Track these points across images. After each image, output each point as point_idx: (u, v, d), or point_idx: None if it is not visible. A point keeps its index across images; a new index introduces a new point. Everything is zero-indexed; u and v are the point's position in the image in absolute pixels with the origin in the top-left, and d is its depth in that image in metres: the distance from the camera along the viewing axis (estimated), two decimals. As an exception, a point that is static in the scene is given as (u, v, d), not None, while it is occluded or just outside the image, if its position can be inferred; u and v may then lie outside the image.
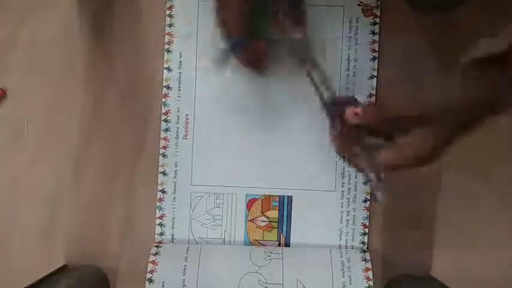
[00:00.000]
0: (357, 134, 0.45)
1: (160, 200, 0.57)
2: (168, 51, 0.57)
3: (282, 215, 0.57)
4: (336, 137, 0.46)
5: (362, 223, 0.56)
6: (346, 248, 0.56)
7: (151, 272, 0.53)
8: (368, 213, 0.56)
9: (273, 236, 0.57)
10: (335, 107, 0.46)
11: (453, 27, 0.56)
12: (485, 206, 0.56)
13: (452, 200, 0.56)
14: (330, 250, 0.55)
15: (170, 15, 0.56)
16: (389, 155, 0.45)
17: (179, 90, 0.57)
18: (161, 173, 0.56)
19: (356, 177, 0.56)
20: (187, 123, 0.57)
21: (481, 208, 0.56)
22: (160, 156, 0.56)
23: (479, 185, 0.56)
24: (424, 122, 0.44)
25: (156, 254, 0.54)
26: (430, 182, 0.56)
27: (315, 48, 0.50)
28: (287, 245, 0.56)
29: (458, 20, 0.55)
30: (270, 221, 0.57)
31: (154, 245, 0.55)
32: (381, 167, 0.45)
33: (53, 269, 0.53)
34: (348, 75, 0.56)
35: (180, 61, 0.57)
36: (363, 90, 0.56)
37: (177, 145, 0.57)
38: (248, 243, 0.57)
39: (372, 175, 0.45)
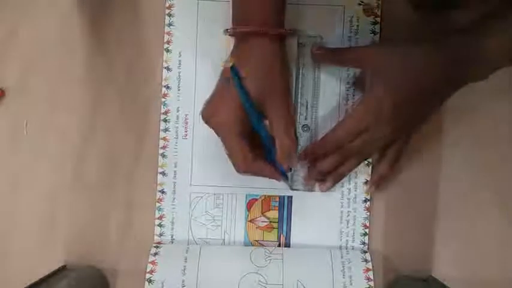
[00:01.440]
0: None
1: (160, 200, 0.56)
2: (168, 50, 0.56)
3: (282, 215, 0.56)
4: None
5: (362, 223, 0.56)
6: (346, 248, 0.56)
7: (151, 272, 0.53)
8: (368, 213, 0.56)
9: (273, 236, 0.56)
10: None
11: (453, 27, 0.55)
12: (486, 206, 0.56)
13: (453, 200, 0.56)
14: (331, 250, 0.55)
15: (170, 15, 0.56)
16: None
17: (179, 90, 0.56)
18: (160, 173, 0.56)
19: (356, 177, 0.56)
20: (186, 123, 0.56)
21: (482, 208, 0.56)
22: (160, 157, 0.56)
23: (480, 185, 0.56)
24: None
25: (156, 254, 0.54)
26: (430, 182, 0.56)
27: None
28: (287, 245, 0.56)
29: (459, 20, 0.55)
30: (270, 222, 0.57)
31: (154, 245, 0.55)
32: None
33: (52, 270, 0.53)
34: (348, 75, 0.56)
35: (180, 60, 0.56)
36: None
37: (176, 145, 0.56)
38: (248, 243, 0.56)
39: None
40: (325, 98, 0.56)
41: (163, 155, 0.56)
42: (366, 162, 0.55)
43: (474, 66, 0.48)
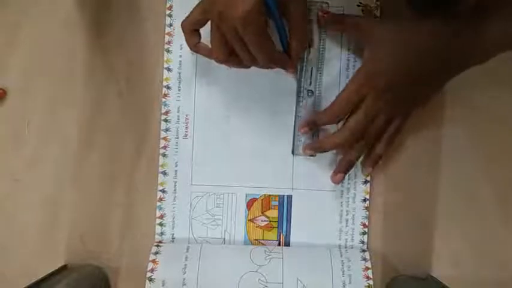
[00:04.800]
0: None
1: (161, 199, 0.57)
2: (168, 51, 0.57)
3: (282, 215, 0.57)
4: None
5: (361, 222, 0.56)
6: (345, 247, 0.56)
7: (152, 271, 0.53)
8: (367, 212, 0.56)
9: (273, 235, 0.57)
10: None
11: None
12: (486, 206, 0.56)
13: (453, 200, 0.56)
14: (330, 249, 0.55)
15: (170, 15, 0.56)
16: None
17: (179, 90, 0.57)
18: (161, 172, 0.57)
19: (355, 177, 0.57)
20: (187, 123, 0.57)
21: (481, 208, 0.56)
22: (161, 156, 0.57)
23: (480, 184, 0.56)
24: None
25: (157, 253, 0.54)
26: (430, 181, 0.56)
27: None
28: (287, 244, 0.56)
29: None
30: (270, 221, 0.57)
31: (155, 244, 0.55)
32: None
33: (53, 269, 0.53)
34: (348, 75, 0.56)
35: (180, 61, 0.57)
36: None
37: (177, 145, 0.57)
38: (248, 242, 0.57)
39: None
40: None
41: (164, 155, 0.57)
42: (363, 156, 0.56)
43: (476, 49, 0.48)
